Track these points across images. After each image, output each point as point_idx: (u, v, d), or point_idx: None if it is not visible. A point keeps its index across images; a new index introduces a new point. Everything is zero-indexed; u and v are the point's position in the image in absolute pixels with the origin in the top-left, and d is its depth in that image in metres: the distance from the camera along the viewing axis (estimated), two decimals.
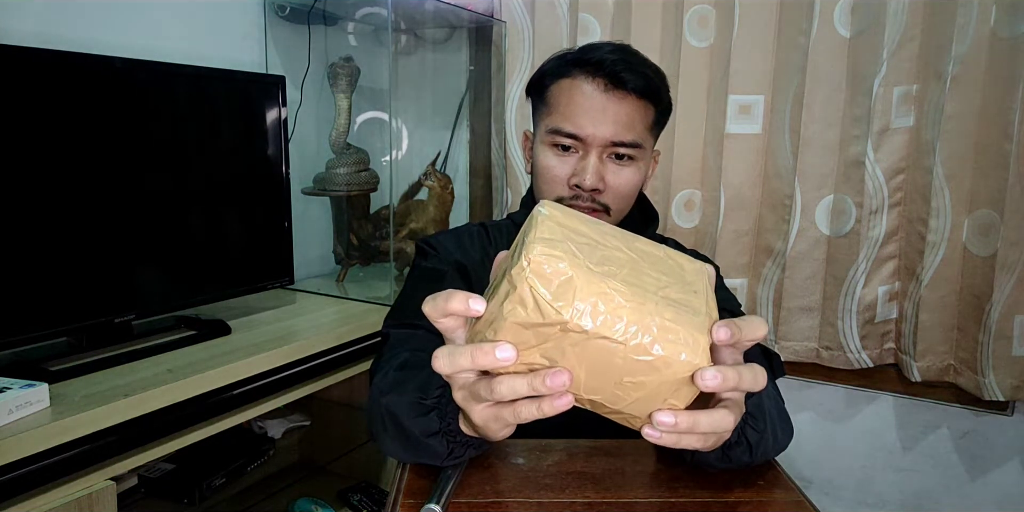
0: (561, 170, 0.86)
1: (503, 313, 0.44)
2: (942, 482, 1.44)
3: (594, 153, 0.84)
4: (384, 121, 1.72)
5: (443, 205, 1.58)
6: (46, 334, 1.00)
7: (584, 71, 0.84)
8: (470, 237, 0.95)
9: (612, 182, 0.85)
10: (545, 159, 0.87)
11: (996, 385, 1.24)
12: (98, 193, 1.04)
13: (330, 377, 1.25)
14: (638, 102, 0.84)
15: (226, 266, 1.27)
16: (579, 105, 0.83)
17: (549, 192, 0.87)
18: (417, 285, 0.88)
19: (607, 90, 0.83)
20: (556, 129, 0.85)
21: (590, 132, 0.83)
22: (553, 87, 0.87)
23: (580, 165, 0.84)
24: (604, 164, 0.85)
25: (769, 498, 0.61)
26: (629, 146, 0.84)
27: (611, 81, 0.83)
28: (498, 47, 1.69)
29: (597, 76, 0.83)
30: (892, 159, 1.34)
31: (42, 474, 0.83)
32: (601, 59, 0.83)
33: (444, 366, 0.47)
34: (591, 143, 0.84)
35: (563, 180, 0.86)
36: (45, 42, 1.01)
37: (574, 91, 0.84)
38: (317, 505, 1.46)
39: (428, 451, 0.60)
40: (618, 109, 0.83)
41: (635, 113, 0.84)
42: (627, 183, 0.86)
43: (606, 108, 0.83)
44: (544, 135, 0.87)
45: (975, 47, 1.22)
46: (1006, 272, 1.22)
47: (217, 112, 1.23)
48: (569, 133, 0.84)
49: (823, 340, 1.44)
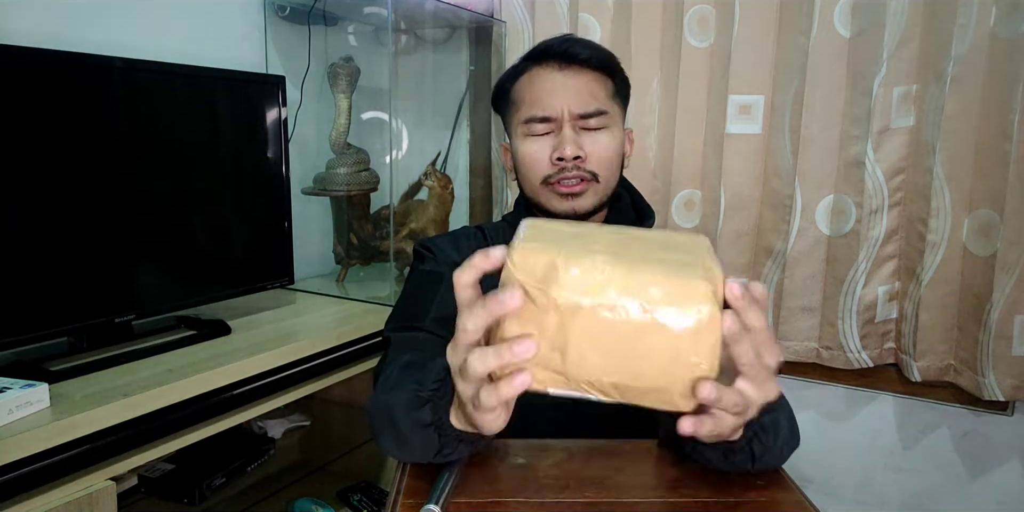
0: (541, 152, 0.88)
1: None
2: (942, 482, 1.44)
3: (567, 127, 0.87)
4: (384, 121, 1.72)
5: (443, 205, 1.58)
6: (46, 334, 1.00)
7: (536, 61, 0.89)
8: (467, 238, 0.96)
9: (591, 149, 0.87)
10: (524, 147, 0.90)
11: (996, 385, 1.24)
12: (98, 193, 1.04)
13: (330, 377, 1.25)
14: (593, 73, 0.88)
15: (226, 266, 1.27)
16: (540, 89, 0.88)
17: (535, 176, 0.89)
18: (416, 289, 0.89)
19: (561, 68, 0.87)
20: (528, 118, 0.88)
21: (558, 109, 0.86)
22: (515, 86, 0.91)
23: (556, 140, 0.87)
24: (579, 135, 0.88)
25: (769, 498, 0.61)
26: (596, 115, 0.87)
27: (562, 60, 0.87)
28: (498, 47, 1.69)
29: (549, 60, 0.88)
30: (892, 159, 1.34)
31: (42, 474, 0.83)
32: (548, 45, 0.89)
33: (466, 321, 0.47)
34: (561, 120, 0.87)
35: (545, 159, 0.88)
36: (45, 42, 1.00)
37: (533, 80, 0.89)
38: (317, 505, 1.46)
39: (419, 445, 0.60)
40: (577, 82, 0.87)
41: (593, 83, 0.88)
42: (606, 148, 0.88)
43: (566, 84, 0.87)
44: (519, 128, 0.90)
45: (975, 47, 1.22)
46: (1006, 272, 1.22)
47: (217, 112, 1.23)
48: (540, 117, 0.87)
49: (823, 340, 1.44)
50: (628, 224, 0.92)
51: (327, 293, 1.52)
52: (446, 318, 0.78)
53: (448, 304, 0.80)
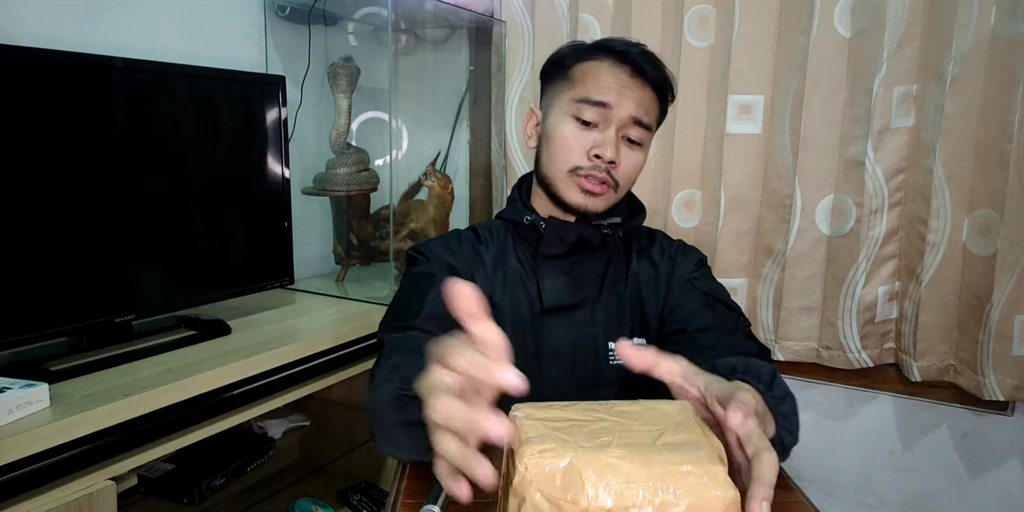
0: (581, 141, 0.89)
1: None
2: (942, 482, 1.44)
3: (613, 128, 0.89)
4: (384, 121, 1.72)
5: (443, 205, 1.58)
6: (46, 334, 1.00)
7: (609, 56, 0.90)
8: (458, 240, 0.98)
9: (623, 161, 0.90)
10: (566, 129, 0.90)
11: (996, 385, 1.24)
12: (98, 193, 1.04)
13: (330, 377, 1.25)
14: (653, 94, 0.91)
15: (226, 266, 1.27)
16: (607, 80, 0.89)
17: (565, 161, 0.90)
18: (408, 290, 0.92)
19: (632, 76, 0.89)
20: (585, 98, 0.89)
21: (616, 103, 0.88)
22: (577, 67, 0.92)
23: (601, 137, 0.89)
24: (619, 140, 0.90)
25: None
26: (644, 127, 0.90)
27: (635, 70, 0.89)
28: (498, 47, 1.69)
29: (623, 63, 0.89)
30: (892, 159, 1.34)
31: (42, 474, 0.83)
32: (626, 50, 0.90)
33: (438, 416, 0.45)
34: (614, 116, 0.88)
35: (583, 150, 0.89)
36: (45, 42, 1.01)
37: (601, 70, 0.90)
38: (317, 505, 1.46)
39: (409, 444, 0.61)
40: (639, 94, 0.89)
41: (651, 102, 0.91)
42: (634, 165, 0.92)
43: (631, 89, 0.89)
44: (568, 105, 0.90)
45: (975, 47, 1.22)
46: (1006, 272, 1.22)
47: (217, 112, 1.23)
48: (598, 101, 0.88)
49: (823, 340, 1.44)
50: (622, 217, 0.96)
51: (327, 293, 1.52)
52: (438, 315, 0.82)
53: (439, 302, 0.83)
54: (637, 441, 0.47)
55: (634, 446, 0.46)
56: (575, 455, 0.44)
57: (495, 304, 0.92)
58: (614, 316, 0.94)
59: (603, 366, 0.92)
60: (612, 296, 0.94)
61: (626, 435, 0.47)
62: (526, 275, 0.94)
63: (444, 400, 0.44)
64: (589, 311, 0.93)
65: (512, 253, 0.95)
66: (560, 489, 0.43)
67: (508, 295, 0.93)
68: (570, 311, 0.93)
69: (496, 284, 0.94)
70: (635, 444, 0.46)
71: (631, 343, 0.56)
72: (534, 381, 0.45)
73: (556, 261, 0.93)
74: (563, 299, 0.92)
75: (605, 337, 0.93)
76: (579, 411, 0.51)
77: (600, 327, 0.93)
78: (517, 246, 0.96)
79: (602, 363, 0.92)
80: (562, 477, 0.44)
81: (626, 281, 0.96)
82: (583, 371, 0.92)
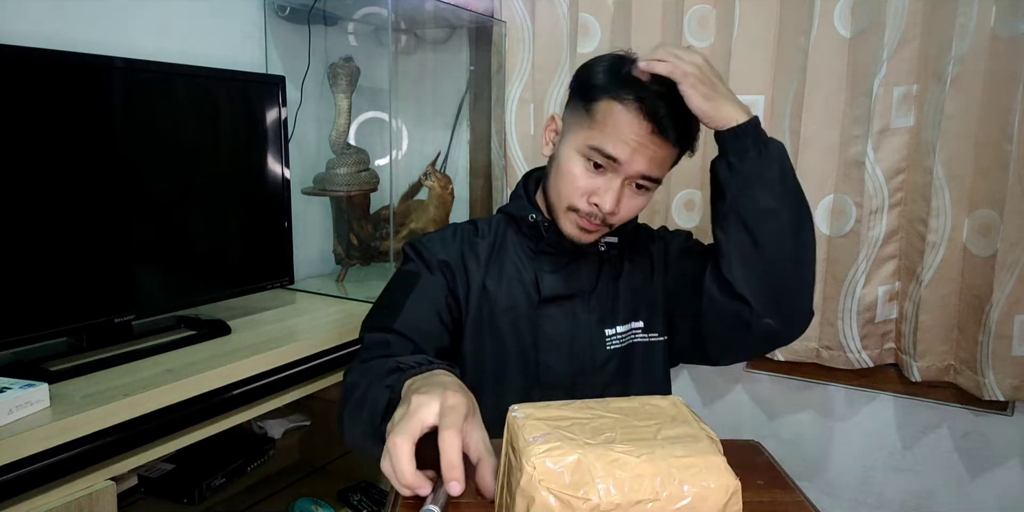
0: (587, 183, 0.90)
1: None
2: (942, 482, 1.44)
3: (620, 179, 0.88)
4: (384, 121, 1.72)
5: (443, 205, 1.58)
6: (46, 334, 1.00)
7: (636, 105, 0.85)
8: (454, 233, 1.01)
9: (624, 208, 0.91)
10: (574, 166, 0.90)
11: (996, 385, 1.24)
12: (98, 193, 1.04)
13: (330, 377, 1.25)
14: (673, 149, 0.90)
15: (226, 266, 1.27)
16: (625, 135, 0.86)
17: (566, 197, 0.91)
18: (393, 289, 0.97)
19: (653, 133, 0.86)
20: (598, 148, 0.87)
21: (628, 160, 0.87)
22: (602, 104, 0.87)
23: (606, 186, 0.89)
24: (623, 189, 0.89)
25: (769, 498, 0.61)
26: (653, 181, 0.90)
27: (658, 127, 0.85)
28: (498, 47, 1.69)
29: (647, 119, 0.85)
30: (892, 159, 1.34)
31: (42, 474, 0.83)
32: (655, 103, 0.85)
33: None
34: (623, 170, 0.88)
35: (584, 193, 0.90)
36: (45, 42, 1.00)
37: (622, 120, 0.86)
38: (317, 505, 1.46)
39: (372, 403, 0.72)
40: (656, 151, 0.87)
41: (668, 157, 0.90)
42: (635, 209, 0.93)
43: (648, 147, 0.86)
44: (582, 146, 0.89)
45: (975, 47, 1.22)
46: (1006, 272, 1.22)
47: (217, 112, 1.23)
48: (610, 155, 0.87)
49: (823, 340, 1.44)
50: (618, 238, 1.00)
51: (327, 293, 1.52)
52: (415, 320, 0.90)
53: (418, 308, 0.92)
54: (639, 436, 0.48)
55: (638, 441, 0.47)
56: (583, 452, 0.45)
57: (487, 289, 0.96)
58: (609, 304, 0.98)
59: (599, 353, 0.97)
60: (608, 285, 0.99)
61: (628, 431, 0.49)
62: (523, 267, 0.98)
63: (399, 461, 0.55)
64: (585, 300, 0.97)
65: (511, 245, 0.99)
66: (570, 487, 0.44)
67: (504, 285, 0.97)
68: (566, 301, 0.97)
69: (491, 271, 0.97)
70: (638, 439, 0.47)
71: (646, 63, 0.83)
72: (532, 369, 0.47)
73: (555, 256, 0.98)
74: (560, 289, 0.96)
75: (600, 324, 0.97)
76: (577, 409, 0.52)
77: (595, 315, 0.97)
78: (517, 239, 0.99)
79: (598, 349, 0.97)
80: (571, 474, 0.44)
81: (621, 271, 1.00)
82: (580, 358, 0.96)
